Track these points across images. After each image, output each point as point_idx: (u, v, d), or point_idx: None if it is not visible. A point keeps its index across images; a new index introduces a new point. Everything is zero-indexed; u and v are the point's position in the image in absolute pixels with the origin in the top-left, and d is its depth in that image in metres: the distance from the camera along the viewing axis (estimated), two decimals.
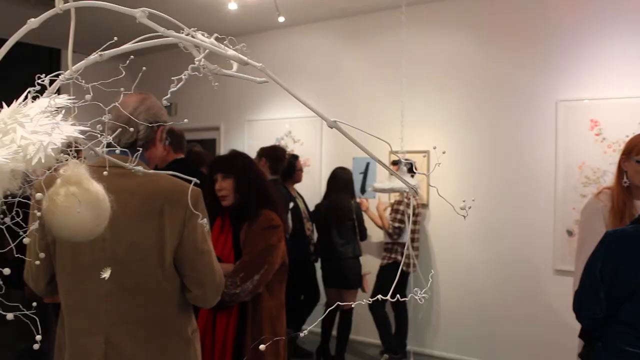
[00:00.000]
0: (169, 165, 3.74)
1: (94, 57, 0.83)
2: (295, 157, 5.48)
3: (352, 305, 4.11)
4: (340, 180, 5.12)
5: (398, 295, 0.85)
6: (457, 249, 5.35)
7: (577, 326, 2.37)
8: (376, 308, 5.14)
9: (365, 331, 5.75)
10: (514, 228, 5.04)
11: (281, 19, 5.68)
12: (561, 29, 4.85)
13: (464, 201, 0.77)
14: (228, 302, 2.57)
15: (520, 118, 5.05)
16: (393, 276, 5.02)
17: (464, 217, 0.78)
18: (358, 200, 5.31)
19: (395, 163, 4.93)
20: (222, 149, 7.04)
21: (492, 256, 5.16)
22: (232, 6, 5.48)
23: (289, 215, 5.04)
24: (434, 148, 5.16)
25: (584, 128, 4.70)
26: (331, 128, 0.75)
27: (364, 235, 5.21)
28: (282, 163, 5.12)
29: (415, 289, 0.83)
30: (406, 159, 4.30)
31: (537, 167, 4.94)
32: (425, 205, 5.54)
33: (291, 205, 5.10)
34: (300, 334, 0.75)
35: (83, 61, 0.83)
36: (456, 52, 5.41)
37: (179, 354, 1.95)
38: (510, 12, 5.14)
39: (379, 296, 0.85)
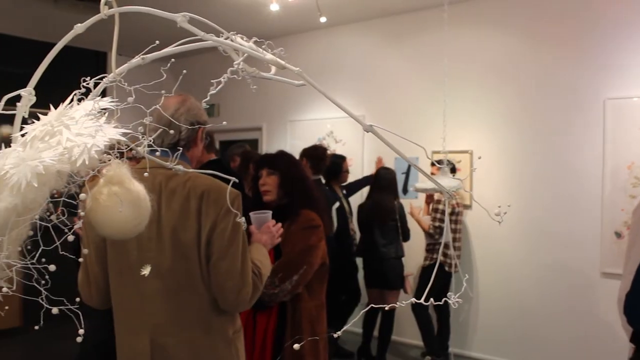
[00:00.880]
0: (204, 165, 3.78)
1: (136, 60, 0.85)
2: (342, 158, 5.50)
3: (397, 306, 4.08)
4: (383, 181, 5.11)
5: (444, 298, 0.85)
6: (500, 250, 5.27)
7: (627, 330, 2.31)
8: (419, 309, 5.09)
9: (407, 332, 5.72)
10: (559, 229, 4.93)
11: (323, 19, 5.70)
12: (608, 23, 4.72)
13: (499, 207, 0.77)
14: (267, 302, 2.58)
15: (566, 117, 4.93)
16: (429, 276, 4.97)
17: (499, 222, 0.77)
18: (409, 210, 5.27)
19: (437, 163, 4.89)
20: (265, 150, 7.10)
21: (536, 258, 5.06)
22: (274, 7, 5.51)
23: (334, 215, 5.08)
24: (479, 158, 5.10)
25: (633, 127, 4.56)
26: (367, 132, 0.76)
27: (406, 235, 5.18)
28: (323, 162, 5.13)
29: (450, 293, 0.82)
30: (448, 160, 4.25)
31: (584, 167, 4.81)
32: (467, 206, 5.47)
33: (337, 205, 5.12)
34: (335, 335, 0.76)
35: (126, 64, 0.86)
36: (499, 50, 5.32)
37: (220, 354, 1.96)
38: (554, 8, 5.02)
39: (429, 300, 0.84)
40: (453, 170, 4.97)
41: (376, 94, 6.14)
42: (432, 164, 4.62)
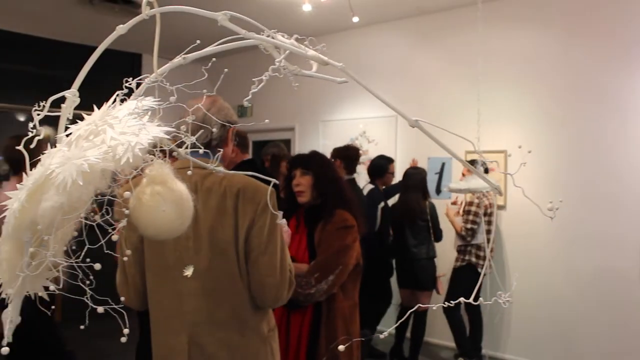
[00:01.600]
0: (239, 165, 3.81)
1: (178, 60, 0.85)
2: (390, 161, 5.49)
3: (427, 307, 4.05)
4: (411, 180, 5.07)
5: (479, 299, 0.83)
6: (534, 252, 5.18)
7: None
8: (451, 311, 5.04)
9: (439, 333, 5.66)
10: (598, 232, 4.82)
11: (355, 19, 5.68)
12: None
13: (551, 202, 0.74)
14: (302, 302, 2.58)
15: (605, 115, 4.82)
16: (467, 278, 4.92)
17: (552, 218, 0.75)
18: (444, 210, 5.23)
19: (470, 163, 4.84)
20: (297, 149, 7.11)
21: (573, 260, 4.96)
22: (307, 7, 5.51)
23: (379, 215, 5.08)
24: (519, 147, 4.99)
25: None
26: (413, 127, 0.74)
27: (439, 236, 5.13)
28: (356, 163, 5.13)
29: (499, 292, 0.80)
30: (483, 160, 4.19)
31: (625, 167, 4.70)
32: (502, 207, 5.39)
33: (382, 204, 5.13)
34: (381, 336, 0.74)
35: (168, 64, 0.86)
36: (535, 48, 5.23)
37: (256, 353, 1.97)
38: (592, 6, 4.92)
39: (461, 301, 0.83)
40: (486, 170, 4.90)
41: (409, 93, 6.09)
42: (470, 162, 4.55)
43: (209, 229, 1.85)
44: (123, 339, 0.85)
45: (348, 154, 5.12)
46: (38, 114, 0.82)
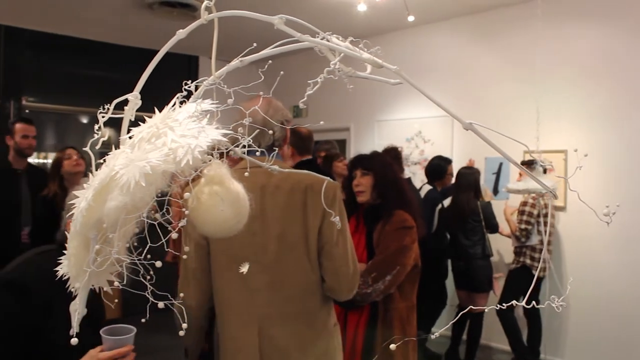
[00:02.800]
0: (298, 165, 3.84)
1: (235, 62, 0.87)
2: (448, 162, 5.46)
3: (485, 310, 3.97)
4: (464, 180, 5.01)
5: (531, 302, 0.82)
6: (594, 254, 5.02)
7: None
8: (504, 314, 4.93)
9: (496, 336, 5.55)
10: None
11: (411, 18, 5.64)
12: None
13: (607, 206, 0.73)
14: (359, 301, 2.59)
15: None
16: (521, 280, 4.82)
17: (608, 223, 0.73)
18: (504, 208, 5.14)
19: (526, 163, 4.73)
20: (352, 150, 7.12)
21: (635, 264, 4.78)
22: (362, 7, 5.51)
23: (436, 216, 5.06)
24: (575, 151, 4.87)
25: None
26: (467, 130, 0.74)
27: (493, 229, 5.03)
28: (399, 162, 5.14)
29: (553, 296, 0.79)
30: (541, 160, 4.10)
31: None
32: (561, 208, 5.25)
33: (440, 206, 5.11)
34: (432, 336, 0.74)
35: (225, 67, 0.88)
36: (596, 45, 5.07)
37: (325, 346, 2.02)
38: None
39: (516, 304, 0.82)
40: (545, 171, 4.78)
41: (465, 93, 6.01)
42: (525, 164, 4.46)
43: (277, 224, 1.91)
44: (181, 333, 0.88)
45: (394, 155, 5.12)
46: (102, 116, 0.86)
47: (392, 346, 0.79)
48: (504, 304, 0.89)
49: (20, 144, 4.57)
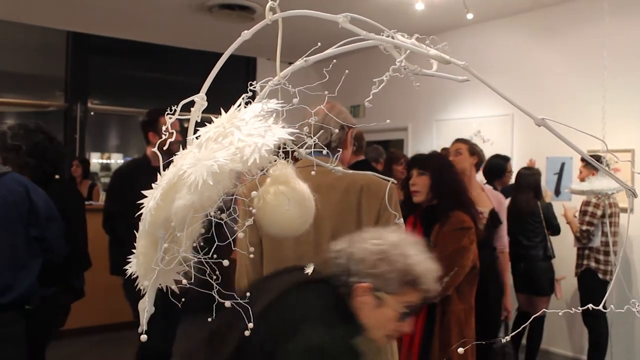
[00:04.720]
0: (352, 165, 3.84)
1: (299, 62, 0.87)
2: (507, 159, 5.33)
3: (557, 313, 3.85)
4: (523, 180, 4.87)
5: (598, 306, 0.78)
6: None
7: None
8: (591, 322, 4.71)
9: (557, 341, 5.39)
10: None
11: (469, 16, 5.55)
12: None
13: None
14: None
15: None
16: (588, 285, 4.65)
17: None
18: (564, 209, 4.98)
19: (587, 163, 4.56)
20: (410, 150, 7.04)
21: None
22: (419, 6, 5.46)
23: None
24: None
25: None
26: (539, 126, 0.72)
27: (556, 230, 4.88)
28: None
29: (633, 300, 0.75)
30: (613, 155, 3.94)
31: None
32: (625, 209, 5.04)
33: None
34: (502, 340, 0.72)
35: (290, 67, 0.88)
36: None
37: (378, 347, 2.00)
38: None
39: (583, 308, 0.78)
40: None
41: (526, 91, 5.84)
42: (586, 162, 4.30)
43: (330, 223, 1.91)
44: (246, 333, 0.88)
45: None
46: (170, 118, 0.87)
47: (460, 350, 0.77)
48: (578, 308, 0.85)
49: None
